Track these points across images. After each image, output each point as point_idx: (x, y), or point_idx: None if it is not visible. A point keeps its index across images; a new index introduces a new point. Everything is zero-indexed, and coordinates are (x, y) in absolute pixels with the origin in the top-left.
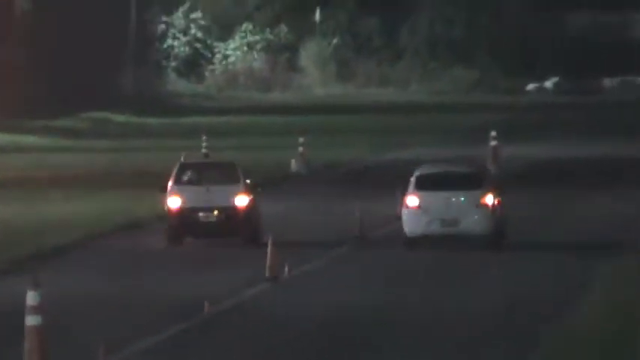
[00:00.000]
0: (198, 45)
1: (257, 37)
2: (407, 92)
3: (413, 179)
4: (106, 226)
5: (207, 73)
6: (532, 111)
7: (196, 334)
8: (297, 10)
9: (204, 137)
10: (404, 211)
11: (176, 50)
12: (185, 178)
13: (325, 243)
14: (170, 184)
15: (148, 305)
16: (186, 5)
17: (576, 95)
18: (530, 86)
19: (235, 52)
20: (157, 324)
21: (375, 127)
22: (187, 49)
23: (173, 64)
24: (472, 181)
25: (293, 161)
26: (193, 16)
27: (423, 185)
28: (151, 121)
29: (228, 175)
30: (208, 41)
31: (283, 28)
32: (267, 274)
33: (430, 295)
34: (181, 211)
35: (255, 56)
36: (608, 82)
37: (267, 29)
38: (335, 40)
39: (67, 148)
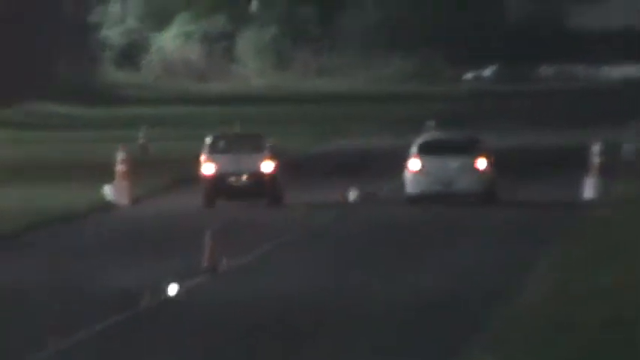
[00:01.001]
0: (134, 35)
1: (193, 27)
2: (345, 81)
3: (415, 146)
4: (43, 218)
5: (144, 64)
6: (470, 99)
7: (136, 325)
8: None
9: (142, 127)
10: (406, 174)
11: (112, 40)
12: (218, 147)
13: (267, 233)
14: (205, 153)
15: (88, 296)
16: None
17: (514, 83)
18: (469, 75)
19: (172, 42)
20: (96, 315)
21: (314, 117)
22: (123, 39)
23: (110, 54)
24: (467, 148)
25: None
26: (129, 5)
27: (424, 151)
28: (88, 111)
29: (255, 144)
30: (144, 31)
31: (220, 18)
32: (205, 265)
33: (374, 283)
34: (215, 176)
35: (192, 46)
36: (545, 70)
37: (204, 19)
38: (272, 30)
39: (3, 139)
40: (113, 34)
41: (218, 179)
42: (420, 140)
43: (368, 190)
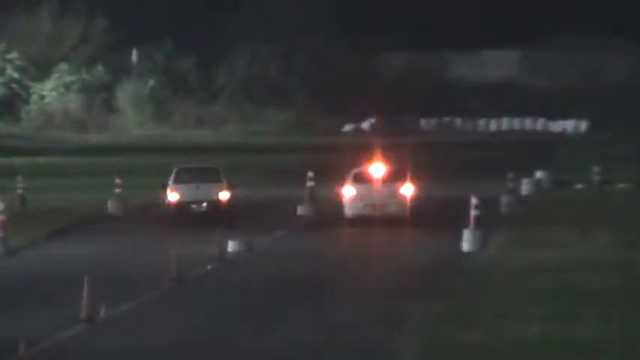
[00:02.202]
0: (14, 85)
1: (73, 78)
2: (223, 133)
3: (350, 176)
4: None
5: (23, 114)
6: (349, 152)
7: None
8: (113, 51)
9: (19, 178)
10: (345, 199)
11: None
12: (181, 178)
13: (142, 284)
14: (170, 183)
15: None
16: (2, 46)
17: (393, 136)
18: (347, 127)
19: (51, 92)
20: None
21: None
22: (3, 89)
23: None
24: (395, 176)
25: (110, 202)
26: (9, 56)
27: (358, 179)
28: None
29: (213, 176)
30: (24, 82)
31: (100, 69)
32: (82, 315)
33: (247, 336)
34: (178, 204)
35: (72, 97)
36: (424, 123)
37: (83, 69)
38: (151, 81)
39: None
40: None
41: (181, 206)
42: (354, 170)
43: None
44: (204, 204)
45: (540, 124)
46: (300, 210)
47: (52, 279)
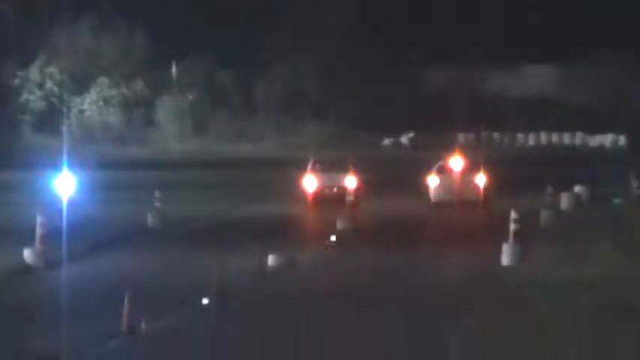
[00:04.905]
0: (54, 99)
1: (113, 92)
2: (262, 147)
3: (435, 167)
4: None
5: (63, 128)
6: (388, 166)
7: None
8: (153, 65)
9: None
10: (430, 186)
11: (32, 104)
12: (315, 167)
13: (182, 297)
14: (308, 171)
15: None
16: (42, 60)
17: (432, 150)
18: (386, 141)
19: (91, 106)
20: None
21: (230, 182)
22: (43, 103)
23: (29, 118)
24: (470, 168)
25: (149, 216)
26: (49, 70)
27: (440, 171)
28: (6, 175)
29: (341, 165)
30: (64, 96)
31: (139, 83)
32: (123, 329)
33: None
34: (315, 188)
35: (111, 111)
36: (462, 137)
37: (123, 84)
38: (191, 95)
39: None
40: (33, 99)
41: (317, 190)
42: (438, 163)
43: None
44: (335, 188)
45: (579, 138)
46: (340, 224)
47: (93, 291)
